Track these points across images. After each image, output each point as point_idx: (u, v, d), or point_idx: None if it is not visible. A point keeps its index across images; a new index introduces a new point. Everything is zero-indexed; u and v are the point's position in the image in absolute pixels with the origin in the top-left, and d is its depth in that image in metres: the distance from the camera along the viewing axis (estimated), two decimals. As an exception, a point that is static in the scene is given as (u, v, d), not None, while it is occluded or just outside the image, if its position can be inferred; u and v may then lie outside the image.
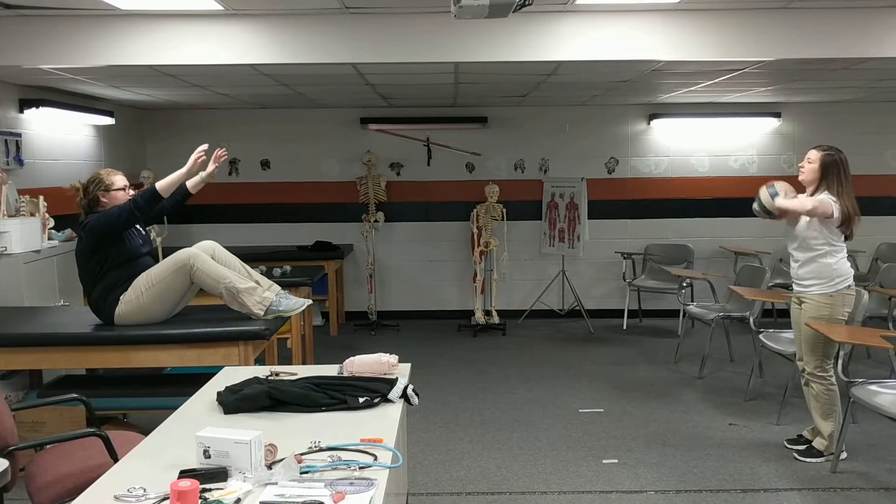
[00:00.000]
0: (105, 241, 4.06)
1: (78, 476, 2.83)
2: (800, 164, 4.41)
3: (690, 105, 8.15)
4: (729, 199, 8.43)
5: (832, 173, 4.24)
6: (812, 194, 4.30)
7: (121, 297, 4.07)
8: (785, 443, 4.65)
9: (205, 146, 4.22)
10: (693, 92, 7.09)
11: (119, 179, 4.21)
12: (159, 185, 4.11)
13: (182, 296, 4.20)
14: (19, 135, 5.80)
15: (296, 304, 4.18)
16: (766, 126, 8.42)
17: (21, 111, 5.86)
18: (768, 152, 8.45)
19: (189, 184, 4.19)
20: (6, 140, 5.59)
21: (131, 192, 4.27)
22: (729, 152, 8.48)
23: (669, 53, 4.78)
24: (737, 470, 4.32)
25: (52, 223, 5.49)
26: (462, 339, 7.72)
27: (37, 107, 5.89)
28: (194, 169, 4.20)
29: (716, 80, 6.28)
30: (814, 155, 4.31)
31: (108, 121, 7.07)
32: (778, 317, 7.75)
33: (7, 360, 4.15)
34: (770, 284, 6.47)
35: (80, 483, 2.66)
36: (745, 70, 5.64)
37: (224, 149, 4.28)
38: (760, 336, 5.38)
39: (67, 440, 3.02)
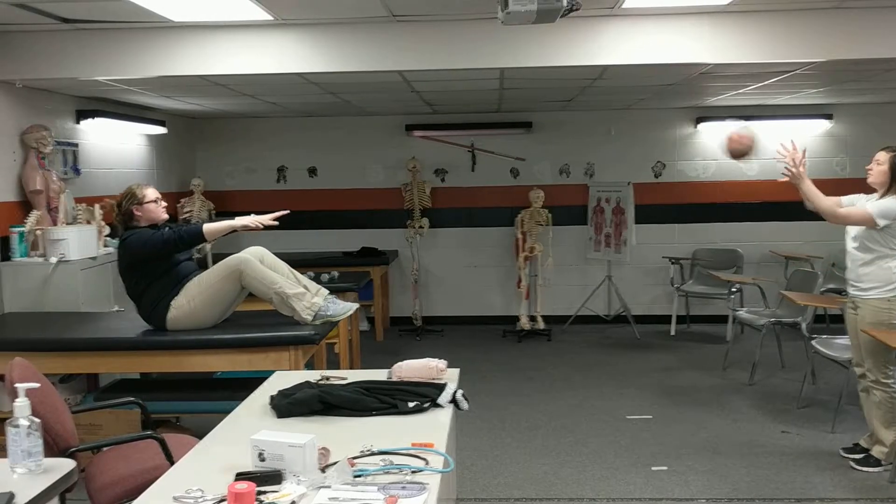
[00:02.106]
0: (143, 262, 4.17)
1: (136, 477, 2.90)
2: (867, 167, 4.30)
3: (738, 108, 8.03)
4: (778, 202, 8.27)
5: None
6: (882, 196, 4.20)
7: (171, 303, 4.16)
8: (841, 451, 4.55)
9: (266, 220, 4.25)
10: (741, 94, 6.99)
11: (150, 192, 4.30)
12: (207, 228, 4.19)
13: (233, 301, 4.28)
14: (76, 145, 5.97)
15: (343, 308, 4.22)
16: (818, 128, 8.25)
17: (78, 122, 6.02)
18: (820, 155, 8.28)
19: (239, 226, 4.26)
20: (64, 150, 5.75)
21: (163, 203, 4.36)
22: (779, 156, 8.30)
23: (717, 56, 4.72)
24: (790, 478, 4.24)
25: (107, 230, 5.63)
26: (507, 345, 7.71)
27: (92, 117, 6.05)
28: (244, 228, 4.26)
29: (765, 83, 6.18)
30: (882, 157, 4.22)
31: (160, 130, 7.23)
32: (831, 322, 7.58)
33: (65, 364, 4.27)
34: (822, 289, 6.33)
35: (138, 484, 2.72)
36: (796, 72, 5.54)
37: (287, 212, 4.34)
38: (813, 342, 5.27)
39: (125, 442, 3.09)
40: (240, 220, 4.23)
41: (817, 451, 4.64)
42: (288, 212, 4.33)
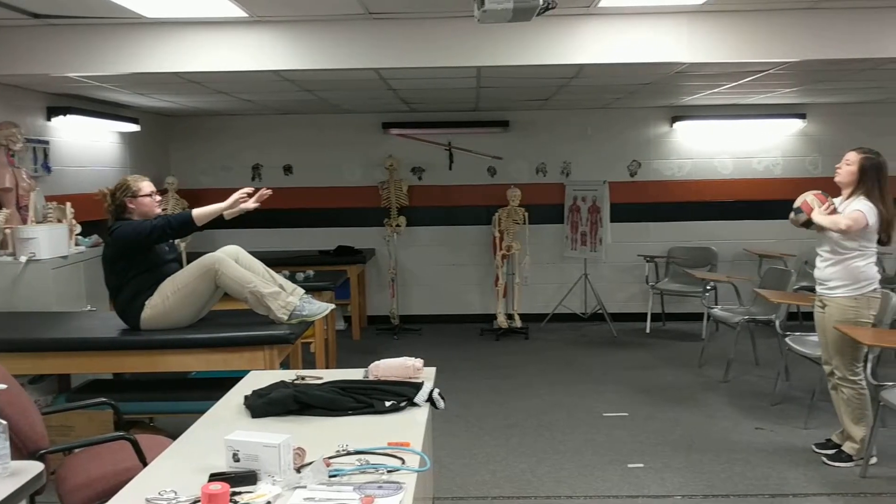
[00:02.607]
0: (131, 251, 4.11)
1: (108, 479, 2.86)
2: (836, 166, 4.35)
3: (713, 107, 8.10)
4: (753, 201, 8.37)
5: (871, 177, 4.18)
6: (847, 197, 4.25)
7: (146, 302, 4.11)
8: (813, 447, 4.60)
9: (249, 189, 4.23)
10: (716, 94, 7.05)
11: (146, 185, 4.26)
12: (196, 213, 4.12)
13: (207, 300, 4.23)
14: (47, 142, 5.88)
15: (319, 308, 4.19)
16: (791, 127, 8.34)
17: (49, 119, 5.93)
18: (793, 154, 8.38)
19: (226, 213, 4.18)
20: (34, 147, 5.66)
21: (157, 197, 4.31)
22: (753, 154, 8.41)
23: (693, 55, 4.75)
24: (764, 475, 4.28)
25: (78, 229, 5.55)
26: (484, 344, 7.71)
27: (64, 114, 5.96)
28: (234, 206, 4.20)
29: (740, 82, 6.24)
30: (852, 157, 4.26)
31: (134, 128, 7.15)
32: (804, 320, 7.68)
33: (36, 365, 4.20)
34: (795, 287, 6.40)
35: (110, 486, 2.69)
36: (770, 71, 5.59)
37: (269, 190, 4.28)
38: (787, 339, 5.33)
39: (97, 444, 3.05)
40: (228, 201, 4.16)
41: (791, 447, 4.69)
42: (270, 191, 4.27)
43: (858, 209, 4.13)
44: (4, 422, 2.08)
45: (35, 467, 2.13)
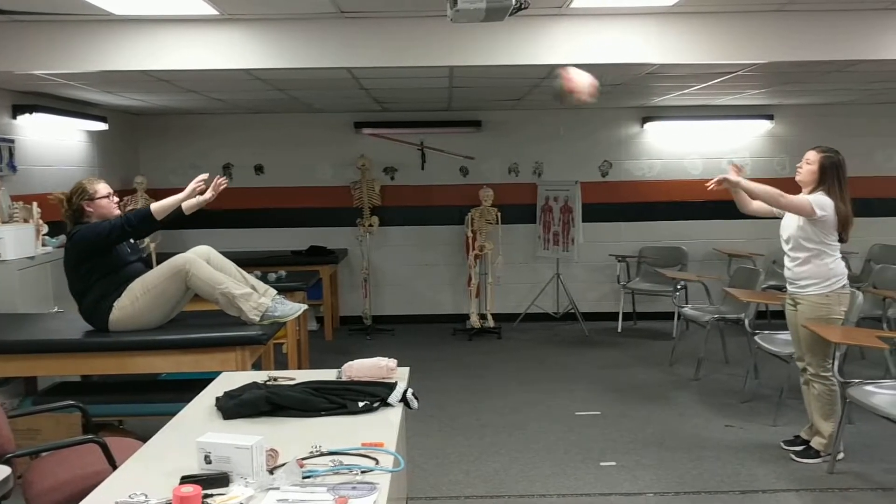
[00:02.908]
0: (93, 254, 4.05)
1: (76, 483, 2.82)
2: (797, 165, 4.42)
3: (683, 108, 8.18)
4: (722, 201, 8.26)
5: (831, 175, 4.26)
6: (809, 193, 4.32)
7: (115, 304, 4.06)
8: (782, 444, 4.66)
9: (204, 175, 4.21)
10: (686, 95, 7.12)
11: (102, 187, 4.19)
12: (154, 207, 4.09)
13: (178, 301, 4.19)
14: (12, 141, 5.78)
15: (291, 309, 4.17)
16: (759, 128, 8.45)
17: (14, 117, 5.83)
18: (762, 154, 8.49)
19: (184, 205, 4.15)
20: (-1, 146, 5.57)
21: (115, 199, 4.25)
22: (722, 155, 8.50)
23: (663, 56, 4.79)
24: (734, 471, 4.33)
25: (45, 229, 5.47)
26: (457, 344, 7.72)
27: (30, 112, 5.86)
28: (192, 196, 4.16)
29: (709, 83, 6.31)
30: (812, 156, 4.33)
31: (102, 126, 7.05)
32: (772, 318, 7.77)
33: (1, 368, 4.12)
34: (764, 286, 6.48)
35: (79, 490, 2.64)
36: (739, 73, 5.66)
37: (225, 178, 4.26)
38: (756, 338, 5.40)
39: (65, 447, 3.01)
40: (186, 190, 4.12)
41: (760, 443, 4.75)
42: (226, 181, 4.23)
43: (807, 197, 4.21)
44: (-31, 425, 2.04)
45: (2, 471, 2.09)
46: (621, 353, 7.22)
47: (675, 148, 8.52)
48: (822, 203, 4.19)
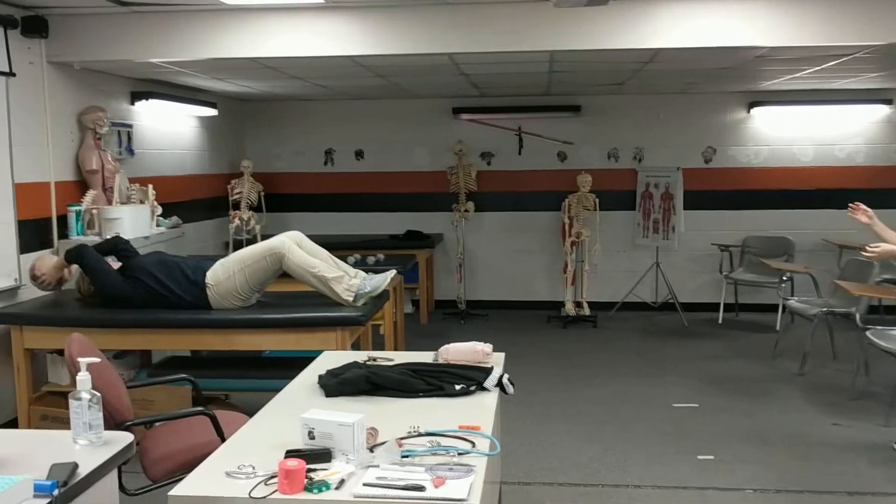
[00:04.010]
0: (118, 286, 4.32)
1: (188, 452, 2.97)
2: None
3: (793, 92, 7.84)
4: (833, 189, 8.07)
5: None
6: None
7: (207, 280, 4.24)
8: (894, 445, 4.45)
9: None
10: (797, 79, 6.82)
11: (48, 263, 4.55)
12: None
13: (267, 279, 4.35)
14: (131, 126, 6.09)
15: (381, 278, 4.30)
16: (876, 113, 8.01)
17: (132, 103, 6.14)
18: (877, 141, 8.05)
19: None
20: (119, 131, 5.87)
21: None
22: (834, 141, 8.12)
23: (773, 39, 4.62)
24: (840, 471, 4.16)
25: (159, 210, 5.74)
26: (551, 331, 7.69)
27: (146, 99, 6.16)
28: None
29: (822, 67, 6.02)
30: None
31: (212, 112, 7.33)
32: (885, 313, 7.41)
33: (120, 341, 4.40)
34: (878, 280, 6.17)
35: (190, 459, 2.79)
36: (854, 55, 5.38)
37: None
38: (867, 333, 5.15)
39: (179, 417, 3.17)
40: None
41: (869, 444, 4.55)
42: None
43: None
44: (98, 393, 2.18)
45: (125, 437, 2.23)
46: (721, 345, 7.03)
47: (783, 133, 8.18)
48: None
